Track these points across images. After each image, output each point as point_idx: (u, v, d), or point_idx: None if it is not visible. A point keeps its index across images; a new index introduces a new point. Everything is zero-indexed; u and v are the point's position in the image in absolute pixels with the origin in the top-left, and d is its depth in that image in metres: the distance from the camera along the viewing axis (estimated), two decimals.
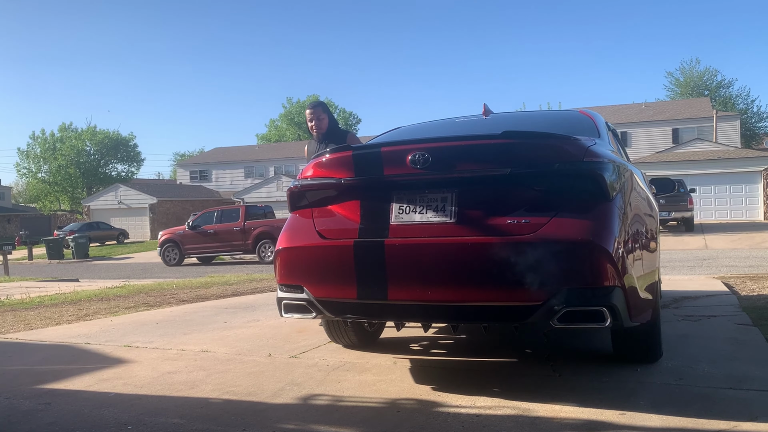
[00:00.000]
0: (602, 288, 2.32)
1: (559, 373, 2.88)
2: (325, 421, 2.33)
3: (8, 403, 2.66)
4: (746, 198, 24.89)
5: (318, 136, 4.42)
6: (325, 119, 4.41)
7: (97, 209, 36.74)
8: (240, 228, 16.59)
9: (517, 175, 2.44)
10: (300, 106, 56.77)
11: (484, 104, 3.64)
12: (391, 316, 2.79)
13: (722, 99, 43.36)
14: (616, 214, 2.42)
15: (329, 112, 4.47)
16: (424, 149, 2.55)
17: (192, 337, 4.11)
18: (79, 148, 47.73)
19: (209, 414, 2.44)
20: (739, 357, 3.05)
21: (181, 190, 38.82)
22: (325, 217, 2.76)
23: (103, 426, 2.33)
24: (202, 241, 16.99)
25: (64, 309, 6.07)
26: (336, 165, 2.77)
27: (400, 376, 2.91)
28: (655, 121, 32.11)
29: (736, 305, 4.73)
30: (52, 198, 48.66)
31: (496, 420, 2.25)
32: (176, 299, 6.61)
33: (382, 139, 3.48)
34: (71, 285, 9.90)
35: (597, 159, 2.47)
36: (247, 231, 16.48)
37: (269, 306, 5.63)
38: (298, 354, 3.46)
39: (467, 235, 2.43)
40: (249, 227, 16.51)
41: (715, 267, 9.54)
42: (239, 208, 17.66)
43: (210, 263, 17.69)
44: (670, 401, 2.38)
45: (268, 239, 16.06)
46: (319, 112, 4.40)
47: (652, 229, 3.04)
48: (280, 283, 2.83)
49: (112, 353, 3.68)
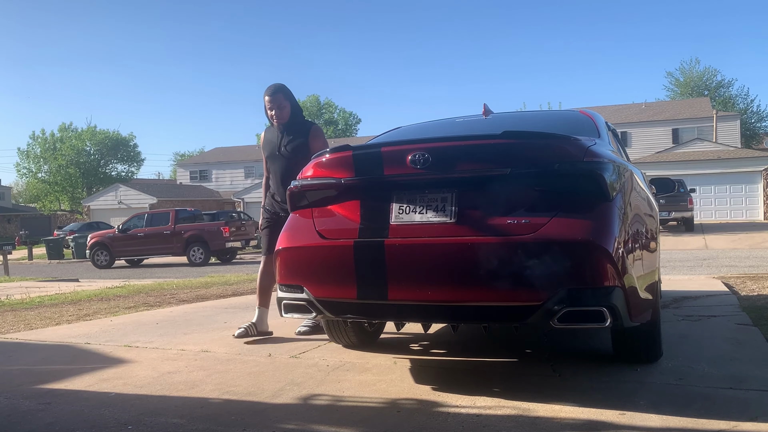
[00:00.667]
0: (602, 288, 2.32)
1: (559, 373, 2.88)
2: (325, 421, 2.33)
3: (8, 403, 2.66)
4: (746, 198, 24.90)
5: (279, 126, 3.97)
6: (287, 108, 3.93)
7: (97, 209, 36.74)
8: (170, 231, 16.98)
9: (517, 175, 2.44)
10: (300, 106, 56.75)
11: (484, 104, 3.65)
12: (391, 316, 2.79)
13: (722, 99, 43.38)
14: (616, 214, 2.42)
15: (292, 99, 3.97)
16: (425, 149, 2.55)
17: (192, 337, 4.11)
18: (79, 148, 47.74)
19: (209, 414, 2.44)
20: (739, 357, 3.05)
21: (181, 190, 38.82)
22: (325, 217, 2.76)
23: (103, 426, 2.33)
24: (132, 243, 17.37)
25: (64, 309, 6.07)
26: (336, 165, 2.77)
27: (400, 376, 2.91)
28: (655, 121, 32.12)
29: (736, 305, 4.73)
30: (52, 198, 48.65)
31: (496, 420, 2.25)
32: (176, 299, 6.61)
33: (382, 139, 3.48)
34: (71, 285, 9.89)
35: (597, 159, 2.47)
36: (177, 234, 16.90)
37: (269, 306, 5.63)
38: (298, 354, 3.46)
39: (467, 235, 2.43)
40: (179, 230, 16.93)
41: (715, 267, 9.54)
42: (169, 211, 18.13)
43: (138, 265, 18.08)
44: (670, 401, 2.38)
45: (198, 242, 16.63)
46: (280, 99, 3.90)
47: (652, 229, 3.04)
48: (279, 283, 2.84)
49: (112, 353, 3.68)
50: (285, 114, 3.93)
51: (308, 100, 57.40)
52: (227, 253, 17.47)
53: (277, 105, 3.89)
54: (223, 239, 16.77)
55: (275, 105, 3.90)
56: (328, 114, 57.80)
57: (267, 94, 3.92)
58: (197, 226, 17.35)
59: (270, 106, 3.91)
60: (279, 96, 3.90)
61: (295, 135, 3.94)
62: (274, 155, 4.01)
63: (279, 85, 3.95)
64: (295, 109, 3.98)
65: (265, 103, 3.95)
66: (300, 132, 3.95)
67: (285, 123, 3.95)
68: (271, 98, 3.90)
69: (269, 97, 3.91)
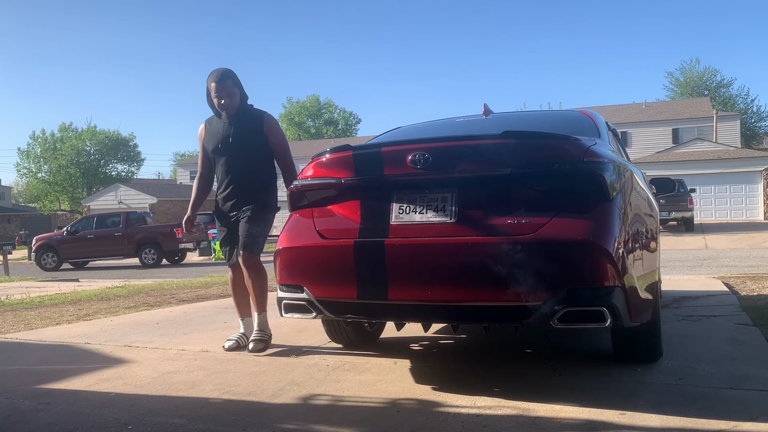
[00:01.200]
0: (602, 288, 2.32)
1: (559, 373, 2.88)
2: (325, 421, 2.33)
3: (8, 403, 2.66)
4: (746, 198, 24.90)
5: (227, 116, 3.53)
6: (237, 96, 3.50)
7: (97, 209, 36.64)
8: (122, 233, 17.23)
9: (518, 175, 2.44)
10: (300, 106, 56.79)
11: (484, 104, 3.65)
12: (391, 316, 2.79)
13: (722, 99, 43.39)
14: (616, 214, 2.42)
15: (240, 86, 3.53)
16: (425, 149, 2.55)
17: (192, 337, 4.11)
18: (79, 148, 47.75)
19: (209, 414, 2.44)
20: (739, 357, 3.05)
21: (181, 190, 38.79)
22: (326, 217, 2.76)
23: (103, 426, 2.33)
24: (82, 246, 17.54)
25: (64, 309, 6.07)
26: (336, 165, 2.77)
27: (400, 376, 2.91)
28: (655, 121, 32.11)
29: (736, 305, 4.73)
30: (52, 198, 48.68)
31: (496, 420, 2.25)
32: (176, 299, 6.61)
33: (383, 139, 3.48)
34: (71, 285, 9.90)
35: (597, 159, 2.47)
36: (129, 236, 17.15)
37: (269, 306, 5.63)
38: (298, 354, 3.46)
39: (467, 235, 2.43)
40: (131, 232, 17.19)
41: (715, 267, 9.54)
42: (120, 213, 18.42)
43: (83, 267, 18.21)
44: (670, 401, 2.38)
45: (151, 244, 16.94)
46: (229, 86, 3.46)
47: (652, 229, 3.04)
48: (280, 283, 2.84)
49: (112, 353, 3.68)
50: (235, 102, 3.50)
51: (308, 100, 57.41)
52: (177, 254, 17.63)
53: (227, 93, 3.46)
54: (177, 240, 16.98)
55: (224, 93, 3.45)
56: (328, 114, 57.80)
57: (213, 80, 3.46)
58: (150, 227, 17.73)
59: (218, 93, 3.46)
60: (228, 82, 3.47)
61: (246, 125, 3.53)
62: (220, 149, 3.57)
63: (227, 70, 3.52)
64: (244, 97, 3.57)
65: (210, 91, 3.51)
66: (251, 122, 3.55)
67: (234, 113, 3.53)
68: (220, 85, 3.45)
69: (217, 83, 3.45)
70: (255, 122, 3.56)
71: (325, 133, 55.65)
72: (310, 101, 57.34)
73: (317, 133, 55.74)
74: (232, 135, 3.53)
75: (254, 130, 3.56)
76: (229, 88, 3.47)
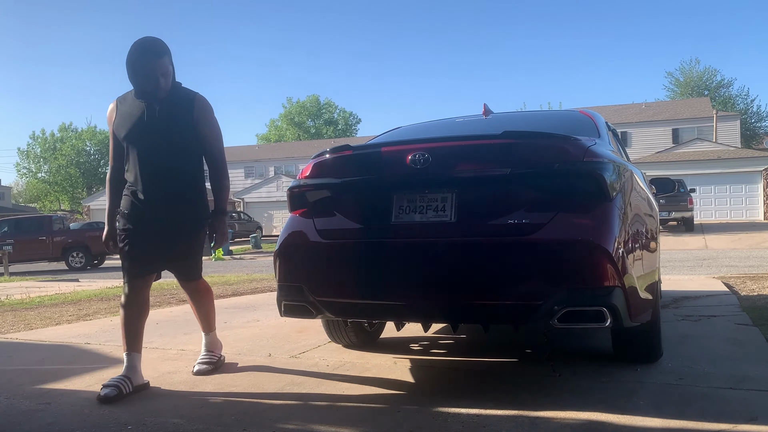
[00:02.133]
0: (602, 288, 2.32)
1: (559, 373, 2.88)
2: (325, 421, 2.33)
3: (8, 403, 2.66)
4: (746, 198, 24.90)
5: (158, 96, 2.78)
6: (170, 75, 2.80)
7: (97, 209, 36.72)
8: (46, 238, 17.13)
9: (517, 175, 2.44)
10: (300, 106, 56.82)
11: (485, 104, 3.65)
12: (391, 316, 2.79)
13: (722, 99, 43.41)
14: (616, 214, 2.42)
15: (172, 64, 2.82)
16: (425, 149, 2.55)
17: (192, 337, 4.10)
18: (79, 148, 47.82)
19: (209, 414, 2.43)
20: (739, 357, 3.05)
21: None
22: (326, 217, 2.76)
23: (103, 426, 2.33)
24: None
25: (64, 309, 6.07)
26: (336, 165, 2.77)
27: (400, 376, 2.91)
28: (655, 121, 32.11)
29: (736, 305, 4.73)
30: (52, 198, 48.75)
31: (496, 420, 2.25)
32: (176, 299, 6.61)
33: (383, 139, 3.48)
34: (71, 285, 9.89)
35: (597, 159, 2.47)
36: (54, 240, 17.05)
37: (269, 306, 5.63)
38: (298, 354, 3.46)
39: (467, 235, 2.44)
40: (57, 235, 17.09)
41: (715, 267, 9.53)
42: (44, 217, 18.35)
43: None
44: (670, 401, 2.38)
45: (79, 247, 16.96)
46: (166, 64, 2.74)
47: (652, 229, 3.04)
48: (280, 283, 2.83)
49: (112, 353, 3.68)
50: (169, 83, 2.80)
51: (308, 100, 57.43)
52: (97, 257, 17.58)
53: (162, 72, 2.74)
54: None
55: (161, 71, 2.74)
56: (328, 114, 57.83)
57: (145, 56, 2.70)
58: (75, 232, 17.65)
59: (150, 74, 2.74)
60: (165, 60, 2.75)
61: (175, 108, 2.83)
62: (141, 135, 2.81)
63: (159, 42, 2.76)
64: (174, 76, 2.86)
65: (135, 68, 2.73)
66: (181, 103, 2.85)
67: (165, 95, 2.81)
68: (154, 63, 2.71)
69: (150, 61, 2.71)
70: (185, 103, 2.86)
71: (325, 133, 55.68)
72: (310, 101, 57.37)
73: (317, 133, 55.75)
74: (156, 118, 2.81)
75: (183, 112, 2.85)
76: (165, 68, 2.75)
